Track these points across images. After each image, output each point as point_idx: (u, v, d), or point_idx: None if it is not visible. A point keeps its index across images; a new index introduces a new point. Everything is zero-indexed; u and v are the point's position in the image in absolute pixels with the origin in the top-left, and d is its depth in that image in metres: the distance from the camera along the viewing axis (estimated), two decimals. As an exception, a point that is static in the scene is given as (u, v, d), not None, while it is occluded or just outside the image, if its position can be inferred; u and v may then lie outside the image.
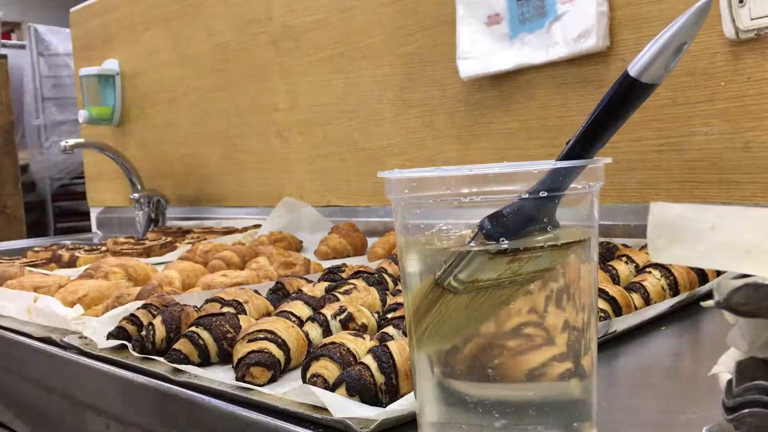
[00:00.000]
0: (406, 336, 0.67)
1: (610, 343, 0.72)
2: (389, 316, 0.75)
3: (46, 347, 0.88)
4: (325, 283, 0.92)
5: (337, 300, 0.83)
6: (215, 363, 0.74)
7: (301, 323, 0.77)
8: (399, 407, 0.54)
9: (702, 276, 0.88)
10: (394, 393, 0.58)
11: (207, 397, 0.64)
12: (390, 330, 0.69)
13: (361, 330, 0.75)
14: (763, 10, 1.02)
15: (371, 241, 1.48)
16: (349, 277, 0.96)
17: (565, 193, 0.45)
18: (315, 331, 0.75)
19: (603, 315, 0.74)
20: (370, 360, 0.59)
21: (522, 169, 0.46)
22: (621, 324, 0.73)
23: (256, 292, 0.89)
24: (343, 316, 0.76)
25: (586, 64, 1.26)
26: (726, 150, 1.12)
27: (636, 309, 0.79)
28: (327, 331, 0.75)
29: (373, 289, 0.87)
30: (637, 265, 0.93)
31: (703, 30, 1.09)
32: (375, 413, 0.54)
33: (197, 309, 0.83)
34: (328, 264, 1.28)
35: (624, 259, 0.94)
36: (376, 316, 0.79)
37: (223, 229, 1.90)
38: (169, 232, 1.98)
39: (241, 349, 0.69)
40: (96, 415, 0.81)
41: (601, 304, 0.76)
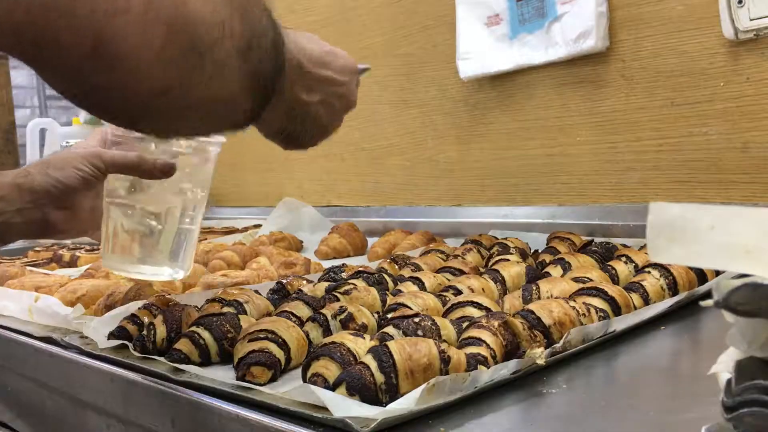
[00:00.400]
0: (406, 336, 0.67)
1: (609, 343, 0.72)
2: (389, 316, 0.75)
3: (47, 347, 0.89)
4: (326, 283, 0.92)
5: (337, 300, 0.83)
6: (216, 363, 0.74)
7: (301, 323, 0.77)
8: (399, 406, 0.54)
9: (701, 276, 0.88)
10: (394, 392, 0.58)
11: (207, 397, 0.64)
12: (390, 330, 0.69)
13: (361, 330, 0.75)
14: (762, 11, 1.02)
15: (371, 241, 1.48)
16: (349, 277, 0.96)
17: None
18: (315, 331, 0.76)
19: (602, 315, 0.74)
20: (370, 359, 0.59)
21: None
22: (620, 324, 0.73)
23: (256, 292, 0.89)
24: (343, 316, 0.76)
25: (586, 64, 1.27)
26: (725, 150, 1.12)
27: (635, 309, 0.79)
28: (327, 331, 0.75)
29: (373, 289, 0.87)
30: (636, 265, 0.93)
31: (702, 30, 1.09)
32: (375, 412, 0.54)
33: (198, 309, 0.83)
34: (328, 264, 1.28)
35: (623, 259, 0.95)
36: (376, 316, 0.79)
37: (223, 229, 1.90)
38: (169, 232, 1.98)
39: (241, 349, 0.69)
40: (97, 415, 0.81)
41: (601, 304, 0.76)
